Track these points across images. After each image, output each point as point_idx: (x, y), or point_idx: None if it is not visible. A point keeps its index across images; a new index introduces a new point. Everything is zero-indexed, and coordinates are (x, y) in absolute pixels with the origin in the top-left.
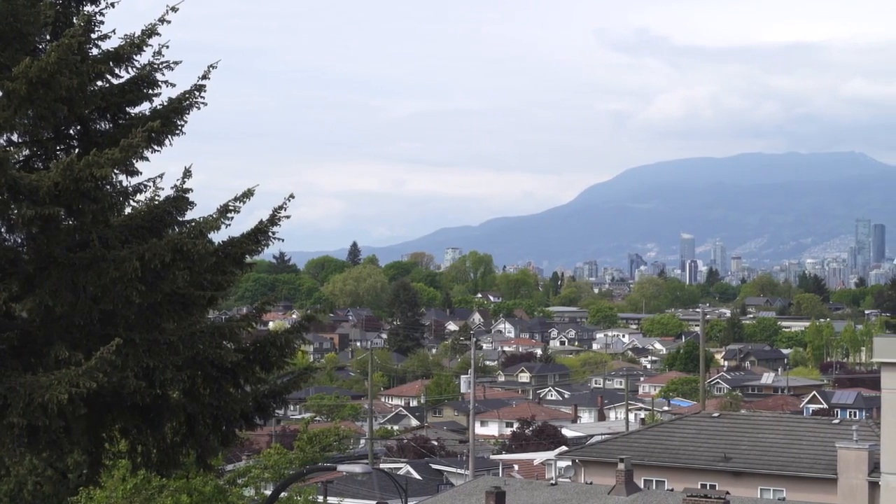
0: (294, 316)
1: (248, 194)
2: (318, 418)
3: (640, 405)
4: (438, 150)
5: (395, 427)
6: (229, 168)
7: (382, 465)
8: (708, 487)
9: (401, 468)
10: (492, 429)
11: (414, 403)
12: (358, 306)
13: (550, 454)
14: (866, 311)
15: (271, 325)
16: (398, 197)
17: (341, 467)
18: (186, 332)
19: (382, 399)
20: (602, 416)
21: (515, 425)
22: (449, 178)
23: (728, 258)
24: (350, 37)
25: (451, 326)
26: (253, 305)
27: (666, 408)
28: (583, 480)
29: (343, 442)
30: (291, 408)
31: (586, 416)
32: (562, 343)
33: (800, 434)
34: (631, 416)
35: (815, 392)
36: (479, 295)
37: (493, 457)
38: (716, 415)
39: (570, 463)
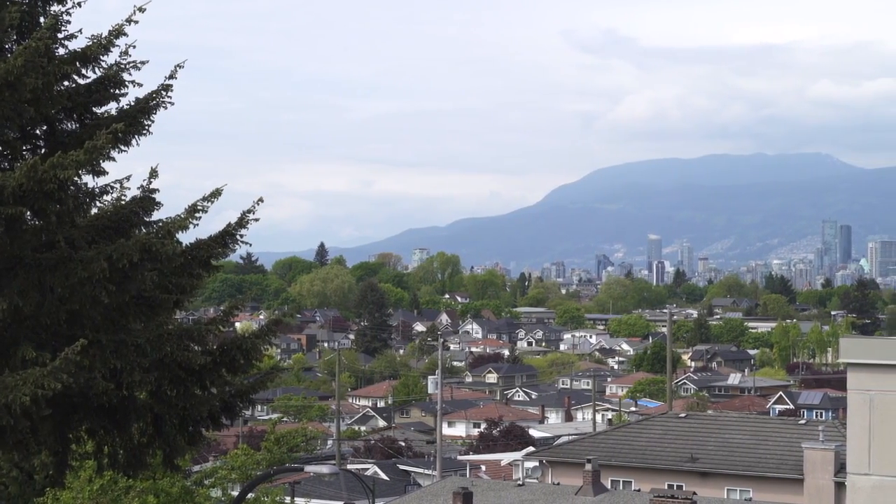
0: (261, 317)
1: (216, 194)
2: (285, 419)
3: (608, 406)
4: (406, 151)
5: (363, 428)
6: (197, 168)
7: (350, 466)
8: (675, 488)
9: (368, 469)
10: (459, 429)
11: (381, 404)
12: (325, 307)
13: (518, 455)
14: (833, 312)
15: (238, 325)
16: (366, 197)
17: (308, 468)
18: (154, 334)
19: (350, 400)
20: (569, 417)
21: (483, 426)
22: (416, 178)
23: (695, 259)
24: (318, 37)
25: (419, 327)
26: (220, 308)
27: (633, 408)
28: (550, 481)
29: (310, 443)
30: (259, 408)
31: (553, 417)
32: (529, 344)
33: (766, 434)
34: (598, 417)
35: (781, 393)
36: (447, 296)
37: (460, 457)
38: (683, 415)
39: (537, 463)
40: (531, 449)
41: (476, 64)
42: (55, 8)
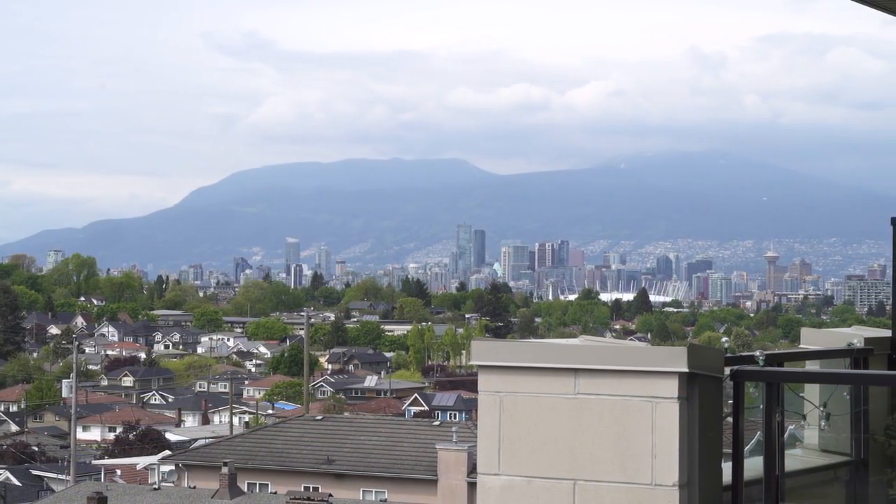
0: None
1: None
2: None
3: (245, 409)
4: (43, 151)
5: None
6: None
7: None
8: (311, 490)
9: None
10: (94, 433)
11: (14, 408)
12: None
13: (154, 458)
14: (467, 315)
15: None
16: (0, 198)
17: None
18: None
19: None
20: (206, 420)
21: (119, 430)
22: (53, 179)
23: (333, 262)
24: None
25: (54, 330)
26: None
27: (270, 411)
28: (186, 485)
29: None
30: None
31: (190, 420)
32: (166, 347)
33: (401, 436)
34: (235, 420)
35: (416, 395)
36: (83, 298)
37: (95, 462)
38: (319, 418)
39: (173, 467)
40: (167, 453)
41: (117, 64)
42: None
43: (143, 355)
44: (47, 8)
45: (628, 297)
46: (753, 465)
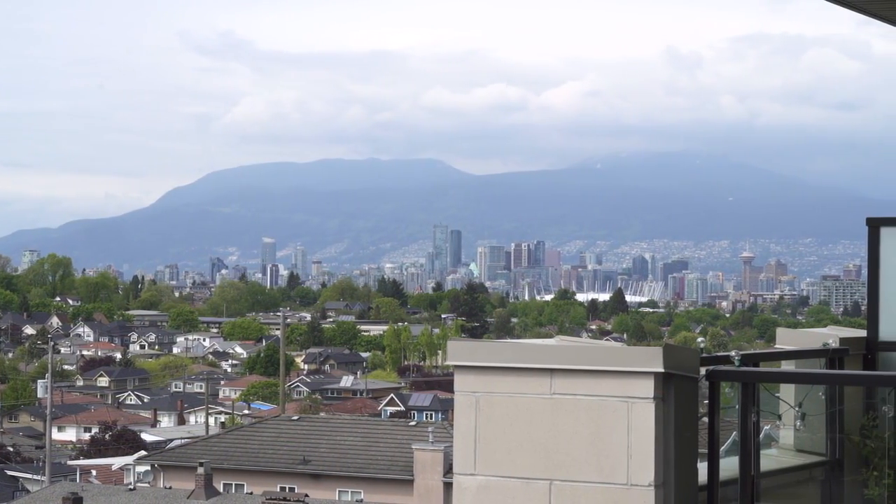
0: None
1: None
2: None
3: (221, 409)
4: (19, 151)
5: None
6: None
7: None
8: (287, 490)
9: None
10: (70, 434)
11: None
12: None
13: (129, 459)
14: (443, 315)
15: None
16: None
17: None
18: None
19: None
20: (182, 420)
21: (94, 430)
22: (28, 178)
23: (309, 263)
24: None
25: (29, 330)
26: None
27: (246, 411)
28: (162, 485)
29: None
30: None
31: (166, 421)
32: (142, 347)
33: (378, 436)
34: (211, 420)
35: (392, 395)
36: (58, 298)
37: (70, 462)
38: (295, 418)
39: (148, 468)
40: (143, 453)
41: (94, 64)
42: None
43: (118, 355)
44: (23, 8)
45: (604, 297)
46: (729, 465)
